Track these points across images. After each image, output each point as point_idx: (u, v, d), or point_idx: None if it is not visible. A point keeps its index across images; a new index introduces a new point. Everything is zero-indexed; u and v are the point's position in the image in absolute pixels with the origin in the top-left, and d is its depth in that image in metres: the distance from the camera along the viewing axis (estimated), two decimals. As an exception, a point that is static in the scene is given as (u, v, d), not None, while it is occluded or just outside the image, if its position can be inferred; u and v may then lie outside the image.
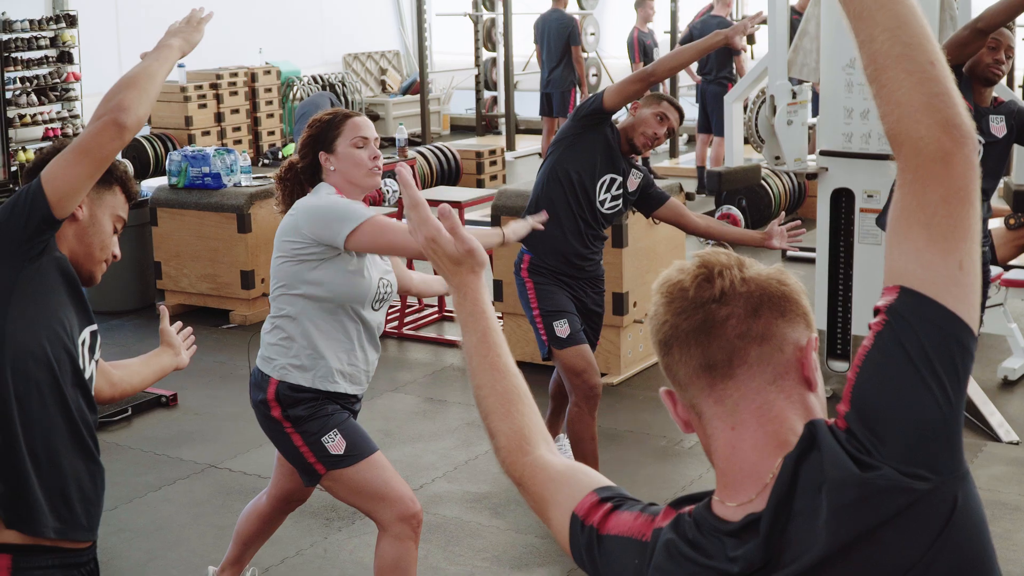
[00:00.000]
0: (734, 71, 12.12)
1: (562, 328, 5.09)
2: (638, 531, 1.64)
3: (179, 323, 3.56)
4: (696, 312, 1.55)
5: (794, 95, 6.53)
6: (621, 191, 5.21)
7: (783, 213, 5.63)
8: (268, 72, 15.05)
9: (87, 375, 2.90)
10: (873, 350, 1.46)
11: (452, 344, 7.75)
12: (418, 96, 15.99)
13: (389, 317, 7.80)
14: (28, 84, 12.88)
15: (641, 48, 12.85)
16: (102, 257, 2.95)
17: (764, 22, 5.86)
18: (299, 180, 4.00)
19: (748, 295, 1.54)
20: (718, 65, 12.11)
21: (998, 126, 5.44)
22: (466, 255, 1.82)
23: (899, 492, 1.40)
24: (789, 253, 9.25)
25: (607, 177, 5.15)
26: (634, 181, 5.25)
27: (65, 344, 2.82)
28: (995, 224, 7.80)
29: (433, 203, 7.75)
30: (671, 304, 1.57)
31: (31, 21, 12.88)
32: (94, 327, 2.95)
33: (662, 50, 13.24)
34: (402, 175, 1.88)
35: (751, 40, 13.40)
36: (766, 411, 1.53)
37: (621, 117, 5.41)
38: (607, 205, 5.19)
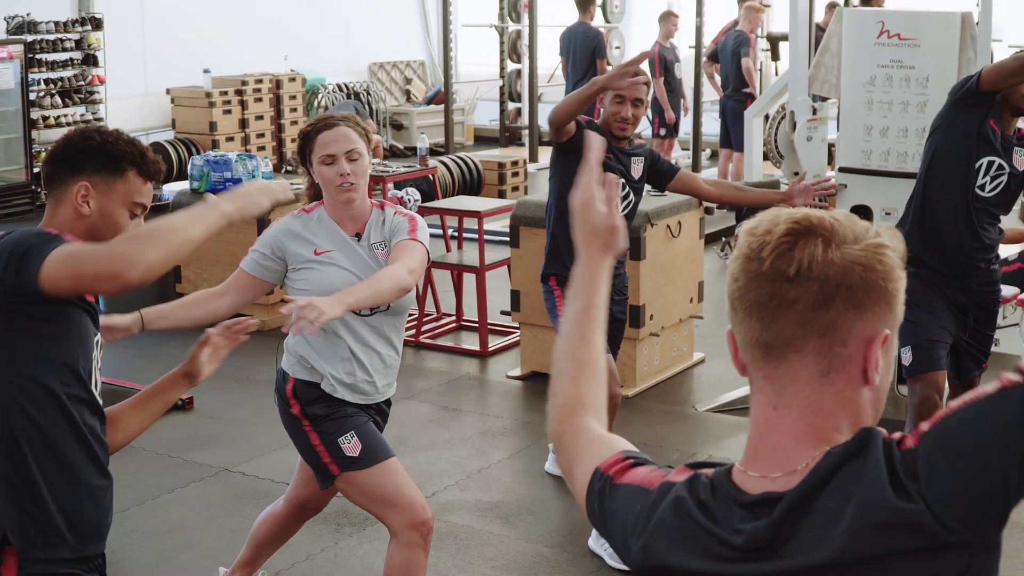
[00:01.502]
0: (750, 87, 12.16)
1: None
2: (647, 482, 1.66)
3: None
4: (766, 285, 1.50)
5: (815, 111, 6.52)
6: (627, 187, 5.23)
7: (806, 171, 5.52)
8: (293, 79, 15.10)
9: (96, 387, 2.82)
10: (994, 399, 1.38)
11: (468, 353, 7.75)
12: (442, 106, 16.01)
13: (407, 324, 7.79)
14: (52, 86, 12.94)
15: (661, 63, 12.82)
16: None
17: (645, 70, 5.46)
18: None
19: (825, 281, 1.47)
20: (736, 82, 12.12)
21: (1021, 159, 5.42)
22: (607, 230, 1.88)
23: (924, 533, 1.39)
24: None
25: None
26: (638, 168, 5.26)
27: (78, 362, 2.73)
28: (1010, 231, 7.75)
29: (450, 212, 7.64)
30: (748, 263, 1.52)
31: (56, 23, 12.94)
32: (98, 336, 2.86)
33: (684, 65, 13.23)
34: (591, 140, 1.92)
35: (775, 56, 13.37)
36: (813, 403, 1.50)
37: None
38: (621, 206, 5.20)
